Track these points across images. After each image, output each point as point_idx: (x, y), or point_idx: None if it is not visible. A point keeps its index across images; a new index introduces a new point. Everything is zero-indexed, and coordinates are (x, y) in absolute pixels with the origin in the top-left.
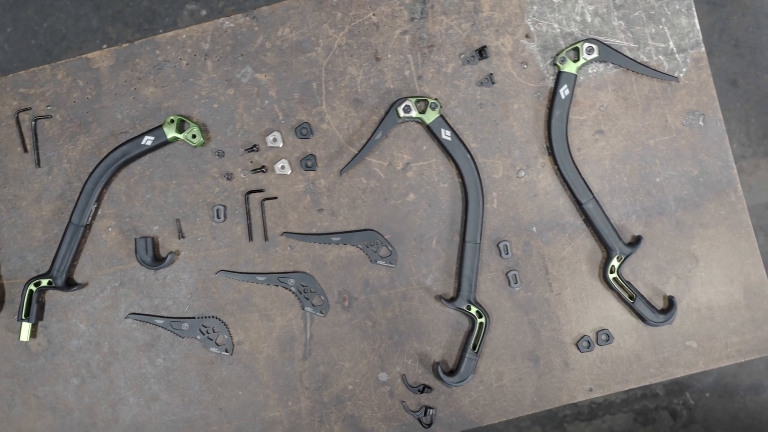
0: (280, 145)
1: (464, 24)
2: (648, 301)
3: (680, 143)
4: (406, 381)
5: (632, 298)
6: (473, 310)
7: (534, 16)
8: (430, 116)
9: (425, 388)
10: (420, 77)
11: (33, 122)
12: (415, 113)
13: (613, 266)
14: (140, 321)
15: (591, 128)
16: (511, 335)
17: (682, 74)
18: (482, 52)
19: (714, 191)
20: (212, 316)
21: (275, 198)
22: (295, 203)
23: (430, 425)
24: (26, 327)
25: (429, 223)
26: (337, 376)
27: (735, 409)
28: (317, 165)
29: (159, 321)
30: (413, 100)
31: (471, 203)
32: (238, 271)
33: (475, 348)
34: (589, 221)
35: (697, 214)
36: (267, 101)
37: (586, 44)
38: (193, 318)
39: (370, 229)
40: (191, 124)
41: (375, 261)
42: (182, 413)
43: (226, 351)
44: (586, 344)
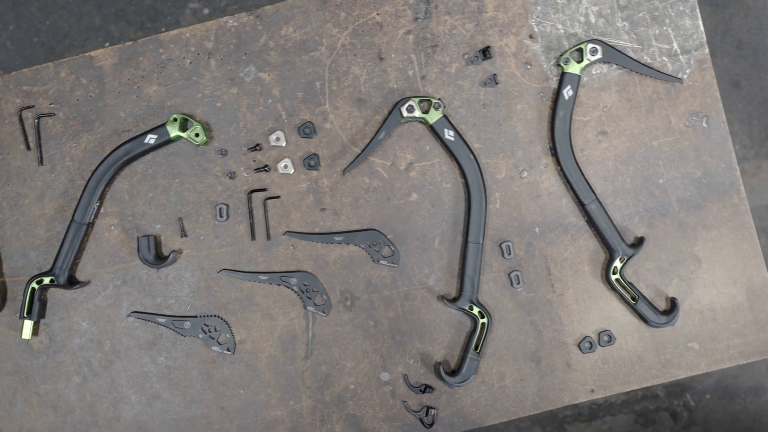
0: (283, 144)
1: (468, 24)
2: (650, 302)
3: (683, 145)
4: (408, 381)
5: (634, 299)
6: (475, 310)
7: (538, 17)
8: (433, 116)
9: (427, 388)
10: (423, 77)
11: (36, 120)
12: (418, 113)
13: (616, 267)
14: (142, 319)
15: (594, 129)
16: (513, 336)
17: (685, 76)
18: (486, 53)
19: (717, 193)
20: (214, 315)
21: (278, 197)
22: (298, 202)
23: (431, 425)
24: (28, 325)
25: (432, 223)
26: (339, 375)
27: (735, 411)
28: (320, 164)
29: (161, 319)
30: (417, 100)
31: (474, 203)
32: (241, 270)
33: (477, 348)
34: (591, 222)
35: (700, 215)
36: (270, 100)
37: (589, 45)
38: (195, 317)
39: (372, 229)
40: (194, 122)
41: (377, 261)
42: (184, 412)
43: (228, 350)
44: (588, 345)
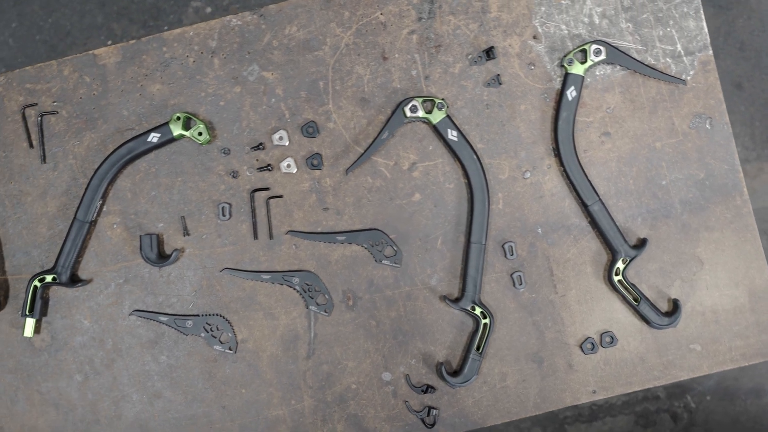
0: (286, 143)
1: (472, 24)
2: (652, 303)
3: (687, 146)
4: (410, 381)
5: (637, 300)
6: (477, 310)
7: (542, 18)
8: (436, 116)
9: (428, 389)
10: (427, 77)
11: (39, 118)
12: (421, 113)
13: (618, 268)
14: (144, 318)
15: (597, 130)
16: (515, 336)
17: (689, 77)
18: (489, 53)
19: (720, 195)
20: (216, 314)
21: (281, 196)
22: (301, 202)
23: (433, 425)
24: (30, 323)
25: (434, 223)
26: (341, 375)
27: (736, 413)
28: (323, 164)
29: (163, 318)
30: (420, 99)
31: (476, 204)
32: (243, 269)
33: (479, 349)
34: (594, 223)
35: (703, 217)
36: (273, 99)
37: (593, 46)
38: (197, 315)
39: (375, 229)
40: (197, 121)
41: (380, 261)
42: (185, 411)
43: (230, 349)
44: (590, 346)
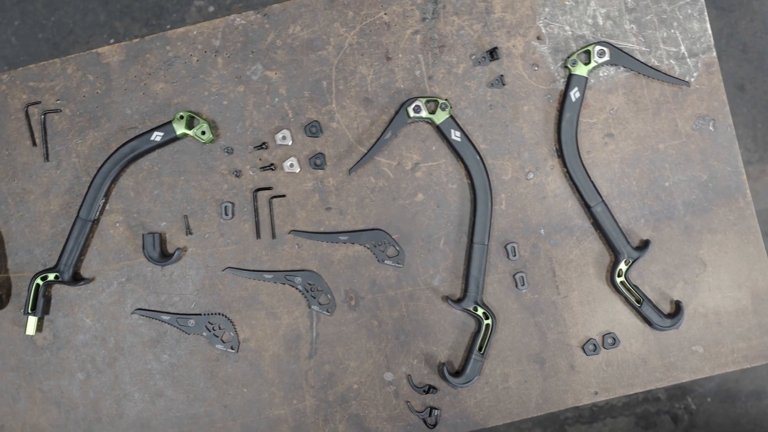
0: (290, 143)
1: (476, 25)
2: (655, 305)
3: (690, 148)
4: (412, 381)
5: (639, 302)
6: (480, 311)
7: (546, 18)
8: (440, 117)
9: (430, 389)
10: (430, 77)
11: (42, 116)
12: (425, 113)
13: (621, 270)
14: (146, 317)
15: (601, 131)
16: (517, 337)
17: (692, 79)
18: (493, 54)
19: (723, 196)
20: (218, 313)
21: (283, 196)
22: (304, 201)
23: (434, 426)
24: (32, 321)
25: (437, 223)
26: (343, 375)
27: (737, 415)
28: (326, 163)
29: (165, 317)
30: (423, 100)
31: (479, 204)
32: (245, 269)
33: (481, 349)
34: (597, 224)
35: (706, 219)
36: (277, 99)
37: (597, 47)
38: (200, 315)
39: (377, 229)
40: (201, 120)
41: (382, 261)
42: (187, 410)
43: (232, 348)
44: (592, 347)
